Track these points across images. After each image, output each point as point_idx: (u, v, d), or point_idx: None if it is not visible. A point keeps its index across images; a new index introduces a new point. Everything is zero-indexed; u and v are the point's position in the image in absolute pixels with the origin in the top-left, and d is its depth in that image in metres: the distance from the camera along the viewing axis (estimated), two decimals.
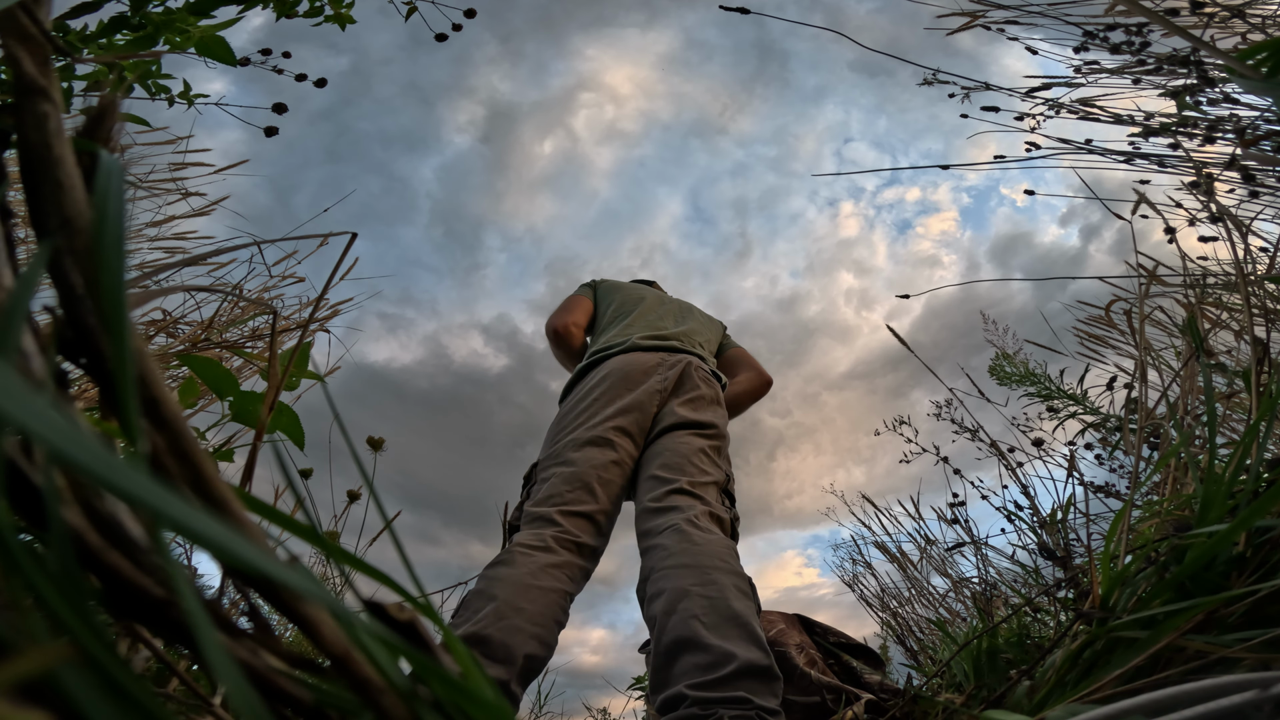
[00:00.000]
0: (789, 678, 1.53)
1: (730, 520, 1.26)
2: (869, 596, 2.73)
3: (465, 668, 0.23)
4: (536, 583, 1.09)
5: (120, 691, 0.17)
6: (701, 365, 1.51)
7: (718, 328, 1.80)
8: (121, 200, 0.24)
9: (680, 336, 1.59)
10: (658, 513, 1.21)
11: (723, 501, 1.30)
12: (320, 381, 0.68)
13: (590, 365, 1.51)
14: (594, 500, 1.25)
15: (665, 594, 1.02)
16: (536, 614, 1.06)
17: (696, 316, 1.74)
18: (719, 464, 1.36)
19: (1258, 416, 0.68)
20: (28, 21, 0.24)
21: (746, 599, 1.03)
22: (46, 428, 0.15)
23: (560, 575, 1.14)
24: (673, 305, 1.75)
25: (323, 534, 0.23)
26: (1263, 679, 0.38)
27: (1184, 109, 1.37)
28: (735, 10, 1.26)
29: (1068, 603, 0.87)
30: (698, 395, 1.43)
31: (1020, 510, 1.63)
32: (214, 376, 0.64)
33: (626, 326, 1.61)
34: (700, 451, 1.33)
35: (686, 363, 1.48)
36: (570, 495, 1.24)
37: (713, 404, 1.45)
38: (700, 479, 1.27)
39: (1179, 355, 1.32)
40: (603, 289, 1.80)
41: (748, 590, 1.06)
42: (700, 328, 1.69)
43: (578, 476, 1.27)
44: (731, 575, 1.05)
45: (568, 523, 1.21)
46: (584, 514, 1.23)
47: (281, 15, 1.19)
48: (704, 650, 0.93)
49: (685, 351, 1.53)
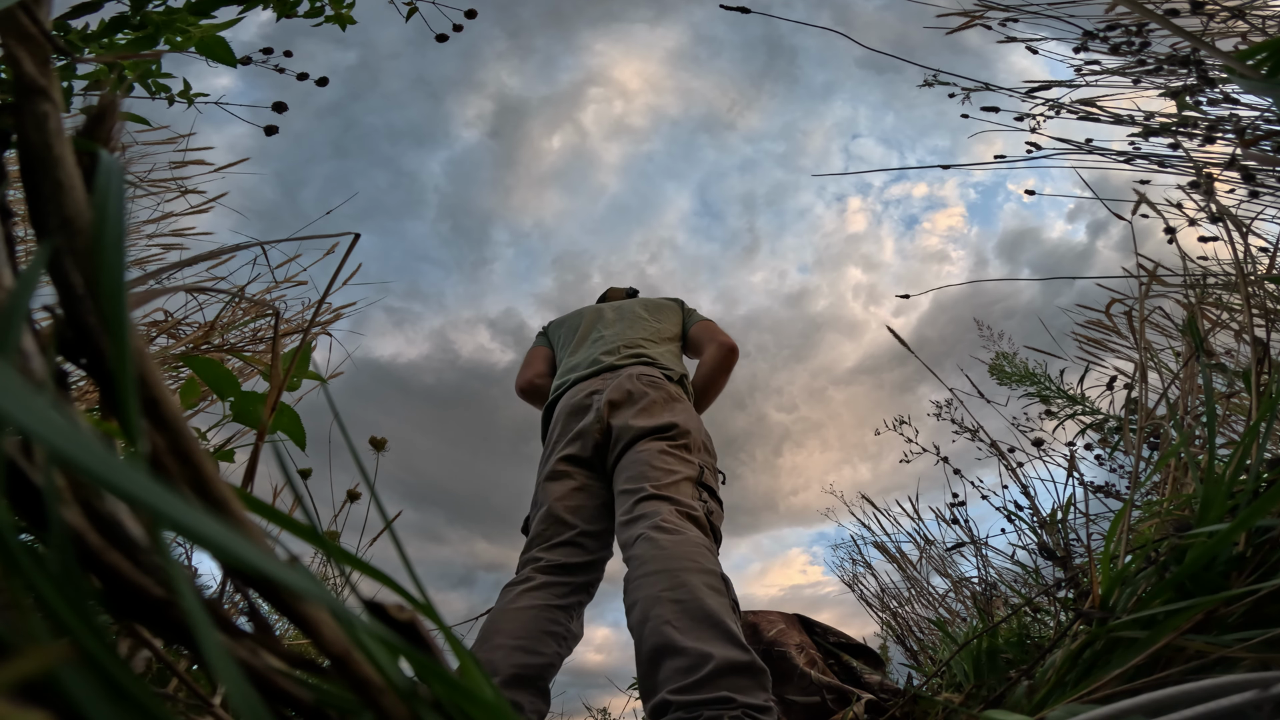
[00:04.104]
0: (789, 678, 1.53)
1: (706, 514, 1.25)
2: (869, 596, 2.73)
3: (465, 668, 0.23)
4: (514, 606, 1.19)
5: (120, 691, 0.17)
6: (646, 371, 1.50)
7: (671, 313, 1.77)
8: (121, 200, 0.24)
9: (618, 350, 1.58)
10: (628, 524, 1.22)
11: (699, 495, 1.28)
12: (322, 383, 0.68)
13: (547, 410, 1.59)
14: (568, 528, 1.33)
15: (639, 603, 1.04)
16: (515, 630, 1.15)
17: (640, 315, 1.72)
18: (687, 459, 1.34)
19: (1258, 416, 0.68)
20: (28, 21, 0.24)
21: (720, 595, 1.03)
22: (46, 428, 0.15)
23: (541, 595, 1.22)
24: (612, 316, 1.74)
25: (323, 534, 0.23)
26: (1263, 679, 0.38)
27: (1184, 109, 1.37)
28: (736, 9, 1.26)
29: (1068, 603, 0.87)
30: (647, 402, 1.42)
31: (1020, 510, 1.63)
32: (215, 377, 0.64)
33: (567, 363, 1.66)
34: (660, 453, 1.32)
35: (625, 377, 1.47)
36: (548, 531, 1.34)
37: (666, 404, 1.43)
38: (665, 480, 1.27)
39: (1178, 357, 1.32)
40: (553, 331, 1.84)
41: (720, 587, 1.05)
42: (644, 326, 1.68)
43: (549, 513, 1.36)
44: (702, 574, 1.05)
45: (548, 555, 1.30)
46: (562, 542, 1.32)
47: (282, 15, 1.19)
48: (681, 654, 0.93)
49: (624, 365, 1.52)
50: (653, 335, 1.66)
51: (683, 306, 1.81)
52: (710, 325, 1.72)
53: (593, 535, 1.34)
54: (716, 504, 1.33)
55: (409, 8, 1.34)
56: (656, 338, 1.66)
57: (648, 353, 1.58)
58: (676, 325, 1.74)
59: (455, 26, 1.36)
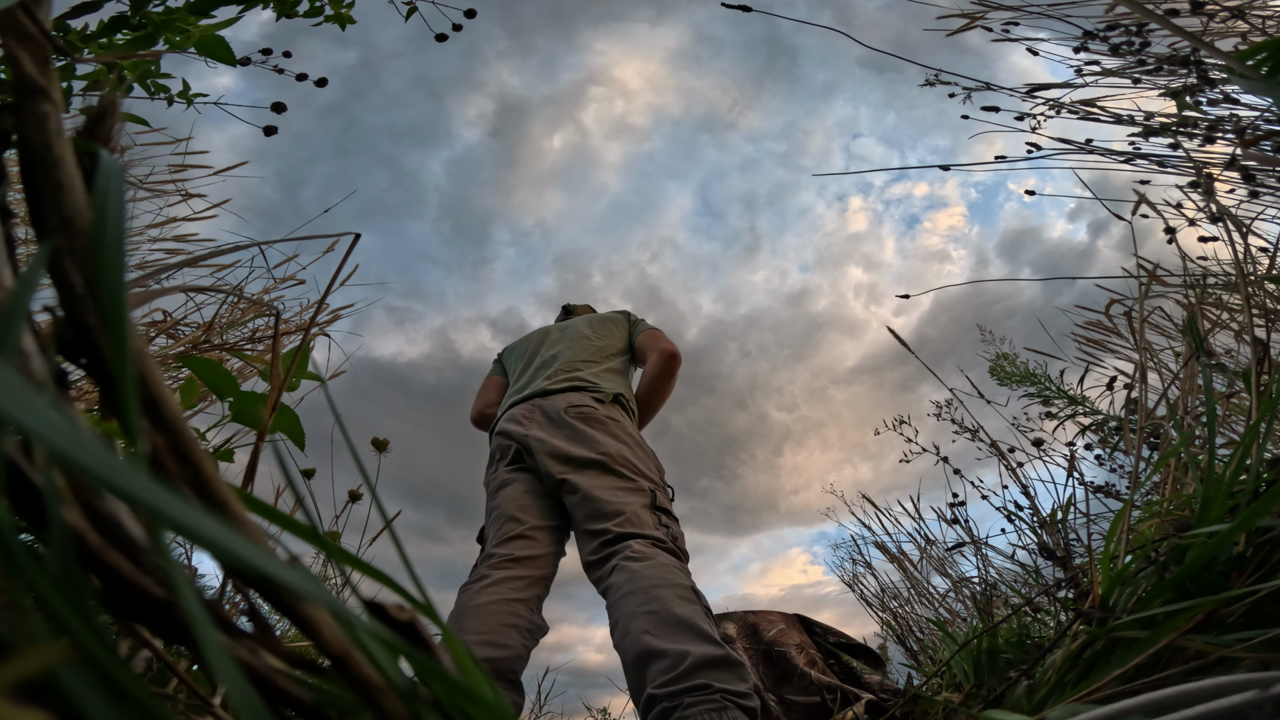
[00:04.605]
0: (789, 678, 1.53)
1: (670, 538, 1.27)
2: (869, 596, 2.73)
3: (465, 668, 0.23)
4: (474, 604, 1.22)
5: (120, 691, 0.17)
6: (575, 400, 1.49)
7: (616, 326, 1.76)
8: (121, 200, 0.24)
9: (555, 375, 1.59)
10: (598, 564, 1.26)
11: (659, 521, 1.30)
12: (322, 384, 0.68)
13: (491, 434, 1.63)
14: (518, 524, 1.38)
15: (619, 622, 1.11)
16: (477, 626, 1.19)
17: (583, 334, 1.72)
18: (636, 482, 1.36)
19: (1258, 416, 0.68)
20: (28, 21, 0.24)
21: (691, 604, 1.09)
22: (46, 428, 0.15)
23: (499, 589, 1.25)
24: (556, 337, 1.75)
25: (323, 534, 0.23)
26: (1263, 679, 0.38)
27: (1184, 109, 1.37)
28: (737, 8, 1.26)
29: (1068, 603, 0.87)
30: (577, 434, 1.42)
31: (1020, 510, 1.62)
32: (214, 377, 0.64)
33: (511, 388, 1.68)
34: (609, 489, 1.33)
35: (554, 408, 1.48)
36: (500, 530, 1.38)
37: (597, 432, 1.43)
38: (624, 516, 1.28)
39: (1178, 357, 1.32)
40: (506, 357, 1.86)
41: (691, 597, 1.11)
42: (584, 347, 1.68)
43: (500, 514, 1.41)
44: (672, 588, 1.11)
45: (501, 550, 1.34)
46: (514, 536, 1.36)
47: (282, 15, 1.19)
48: (662, 656, 1.00)
49: (556, 391, 1.53)
50: (593, 355, 1.66)
51: (629, 318, 1.80)
52: (654, 333, 1.72)
53: (543, 529, 1.39)
54: (674, 522, 1.34)
55: (409, 7, 1.34)
56: (597, 356, 1.66)
57: (583, 375, 1.58)
58: (622, 339, 1.74)
59: (455, 26, 1.36)
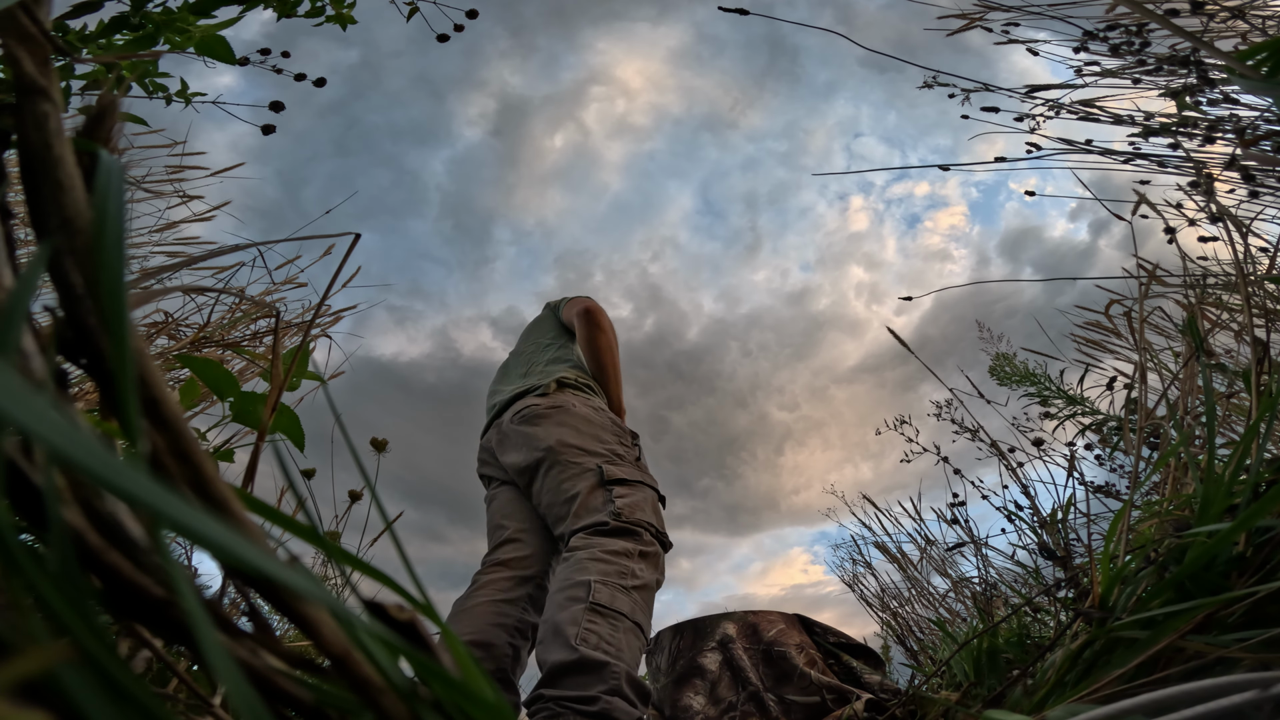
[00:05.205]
0: (789, 678, 1.53)
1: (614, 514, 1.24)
2: (869, 596, 2.73)
3: (465, 668, 0.23)
4: (461, 610, 1.31)
5: (120, 691, 0.17)
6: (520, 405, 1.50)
7: (542, 323, 1.76)
8: (121, 200, 0.24)
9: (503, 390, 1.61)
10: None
11: (607, 497, 1.28)
12: (322, 384, 0.68)
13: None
14: (505, 529, 1.46)
15: None
16: (462, 629, 1.26)
17: (529, 334, 1.76)
18: (581, 464, 1.34)
19: (1258, 416, 0.68)
20: (28, 21, 0.24)
21: (574, 604, 1.11)
22: (46, 428, 0.15)
23: (485, 592, 1.33)
24: (518, 345, 1.78)
25: (323, 534, 0.23)
26: (1263, 679, 0.38)
27: (1184, 109, 1.37)
28: (734, 11, 1.26)
29: (1068, 603, 0.87)
30: (523, 439, 1.44)
31: (1020, 510, 1.62)
32: (214, 377, 0.64)
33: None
34: (556, 486, 1.34)
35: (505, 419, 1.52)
36: (490, 538, 1.49)
37: (538, 428, 1.43)
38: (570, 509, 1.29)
39: (1178, 357, 1.32)
40: None
41: (579, 595, 1.12)
42: (529, 345, 1.71)
43: (491, 525, 1.51)
44: (567, 590, 1.14)
45: (490, 557, 1.43)
46: (502, 541, 1.44)
47: (282, 15, 1.19)
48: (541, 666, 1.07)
49: (506, 405, 1.55)
50: (531, 356, 1.67)
51: (551, 305, 1.80)
52: (570, 302, 1.70)
53: (530, 530, 1.44)
54: (629, 488, 1.31)
55: (410, 7, 1.34)
56: (535, 355, 1.67)
57: (527, 380, 1.59)
58: (551, 326, 1.74)
59: (456, 26, 1.36)
